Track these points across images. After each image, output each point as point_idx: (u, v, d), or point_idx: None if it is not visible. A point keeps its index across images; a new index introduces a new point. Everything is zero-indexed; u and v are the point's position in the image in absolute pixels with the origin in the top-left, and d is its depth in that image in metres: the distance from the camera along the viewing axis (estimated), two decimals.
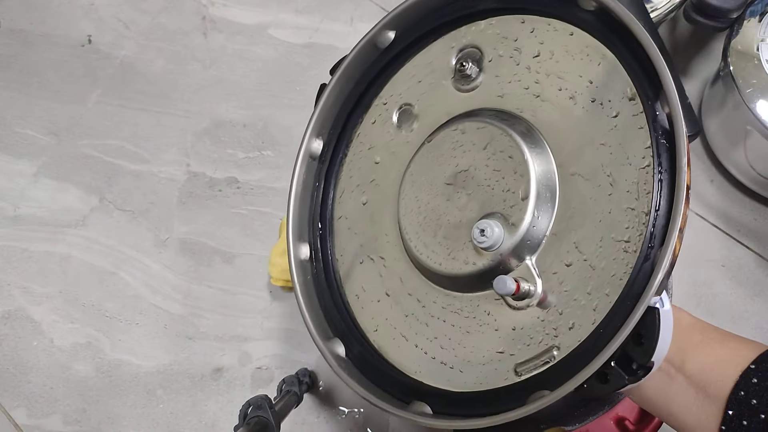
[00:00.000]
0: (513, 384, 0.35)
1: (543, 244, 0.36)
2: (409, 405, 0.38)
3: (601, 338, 0.31)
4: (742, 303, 0.62)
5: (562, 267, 0.35)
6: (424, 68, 0.45)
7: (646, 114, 0.34)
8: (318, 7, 0.82)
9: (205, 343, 0.64)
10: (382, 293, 0.43)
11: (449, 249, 0.39)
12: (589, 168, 0.35)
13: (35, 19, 0.86)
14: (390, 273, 0.43)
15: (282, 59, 0.80)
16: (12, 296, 0.68)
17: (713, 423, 0.31)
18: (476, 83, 0.42)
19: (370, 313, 0.43)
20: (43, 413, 0.63)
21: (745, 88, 0.56)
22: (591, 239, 0.34)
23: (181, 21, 0.84)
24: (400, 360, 0.41)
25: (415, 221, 0.41)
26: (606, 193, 0.34)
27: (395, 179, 0.43)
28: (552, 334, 0.34)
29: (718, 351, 0.33)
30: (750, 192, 0.65)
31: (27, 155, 0.76)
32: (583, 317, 0.33)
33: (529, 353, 0.35)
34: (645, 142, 0.33)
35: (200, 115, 0.77)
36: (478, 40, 0.42)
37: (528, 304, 0.36)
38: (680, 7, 0.61)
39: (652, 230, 0.32)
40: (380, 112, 0.46)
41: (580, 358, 0.32)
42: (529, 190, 0.36)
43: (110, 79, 0.80)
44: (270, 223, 0.70)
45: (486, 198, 0.38)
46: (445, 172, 0.40)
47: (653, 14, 0.59)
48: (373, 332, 0.43)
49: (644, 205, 0.33)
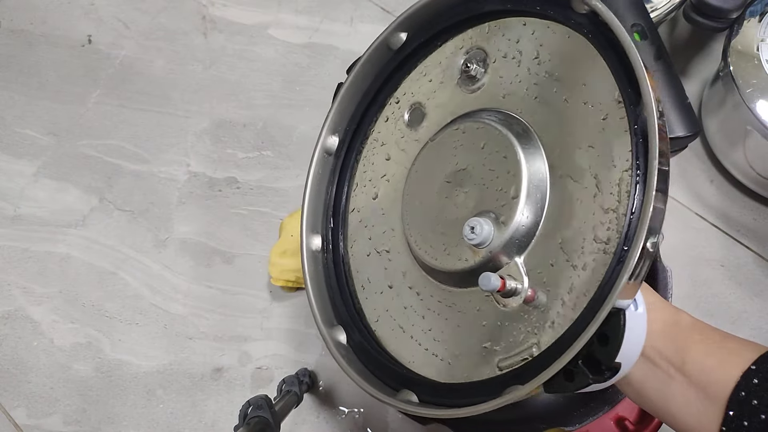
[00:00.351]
0: (493, 377, 0.36)
1: (532, 243, 0.37)
2: (397, 393, 0.40)
3: (574, 337, 0.32)
4: (741, 303, 0.62)
5: (547, 266, 0.36)
6: (435, 68, 0.46)
7: (628, 117, 0.34)
8: (318, 7, 0.82)
9: (205, 343, 0.64)
10: (386, 285, 0.45)
11: (445, 245, 0.40)
12: (577, 169, 0.36)
13: (35, 19, 0.86)
14: (394, 266, 0.45)
15: (282, 59, 0.80)
16: (12, 296, 0.68)
17: (714, 423, 0.31)
18: (481, 84, 0.43)
19: (372, 304, 0.45)
20: (43, 413, 0.63)
21: (745, 88, 0.56)
22: (575, 240, 0.35)
23: (181, 21, 0.84)
24: (397, 350, 0.43)
25: (417, 217, 0.42)
26: (591, 194, 0.35)
27: (403, 176, 0.45)
28: (533, 332, 0.35)
29: (719, 352, 0.33)
30: (750, 192, 0.65)
31: (27, 155, 0.76)
32: (563, 316, 0.34)
33: (512, 349, 0.36)
34: (628, 145, 0.34)
35: (200, 115, 0.77)
36: (483, 42, 0.43)
37: (515, 302, 0.36)
38: (680, 7, 0.61)
39: (626, 232, 0.32)
40: (393, 111, 0.48)
41: (554, 355, 0.32)
42: (519, 189, 0.37)
43: (110, 79, 0.80)
44: (270, 223, 0.70)
45: (481, 196, 0.39)
46: (445, 170, 0.41)
47: (653, 14, 0.59)
48: (375, 322, 0.45)
49: (624, 207, 0.33)
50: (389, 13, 0.82)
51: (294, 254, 0.64)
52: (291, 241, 0.64)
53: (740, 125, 0.58)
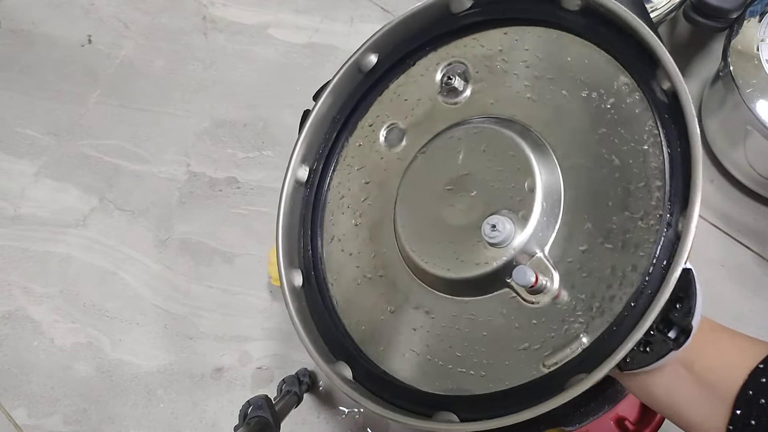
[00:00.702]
0: (543, 376, 0.35)
1: (554, 234, 0.36)
2: (433, 416, 0.37)
3: (635, 311, 0.32)
4: (741, 303, 0.62)
5: (578, 253, 0.35)
6: (410, 87, 0.45)
7: (645, 95, 0.35)
8: (318, 7, 0.82)
9: (205, 343, 0.64)
10: (385, 311, 0.42)
11: (457, 253, 0.38)
12: (591, 156, 0.36)
13: (36, 19, 0.86)
14: (392, 289, 0.42)
15: (282, 59, 0.80)
16: (12, 296, 0.68)
17: (721, 422, 0.31)
18: (465, 95, 0.42)
19: (372, 333, 0.42)
20: (44, 413, 0.63)
21: (745, 88, 0.56)
22: (604, 222, 0.35)
23: (181, 21, 0.84)
24: (412, 375, 0.40)
25: (416, 231, 0.41)
26: (613, 175, 0.35)
27: (389, 195, 0.43)
28: (576, 321, 0.34)
29: (727, 350, 0.33)
30: (750, 192, 0.65)
31: (27, 155, 0.76)
32: (609, 297, 0.34)
33: (555, 344, 0.35)
34: (647, 122, 0.34)
35: (200, 115, 0.77)
36: (463, 55, 0.43)
37: (545, 297, 0.36)
38: (680, 7, 0.61)
39: (669, 198, 0.33)
40: (367, 134, 0.46)
41: (613, 336, 0.32)
42: (534, 182, 0.36)
43: (110, 79, 0.80)
44: (270, 223, 0.70)
45: (491, 197, 0.38)
46: (443, 178, 0.40)
47: (653, 14, 0.59)
48: (380, 351, 0.42)
49: (655, 179, 0.34)
50: (389, 12, 0.82)
51: None
52: None
53: (740, 125, 0.58)
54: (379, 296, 0.43)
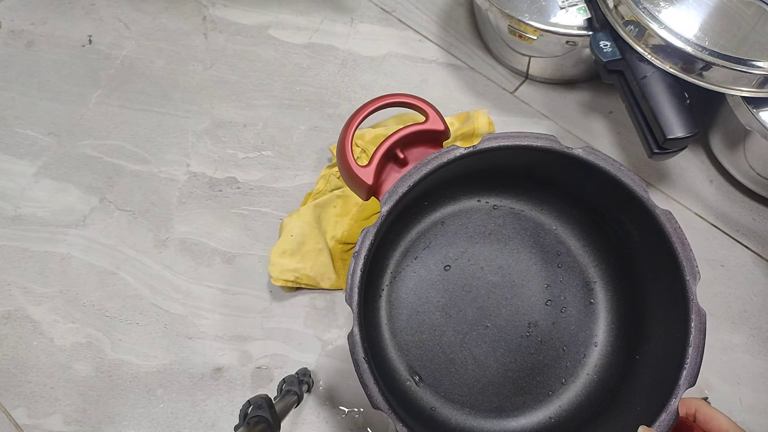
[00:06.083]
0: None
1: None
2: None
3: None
4: (741, 303, 0.62)
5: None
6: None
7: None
8: (318, 8, 0.82)
9: (205, 342, 0.64)
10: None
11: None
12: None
13: (36, 19, 0.86)
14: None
15: (282, 59, 0.80)
16: (12, 296, 0.68)
17: None
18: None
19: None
20: (44, 413, 0.63)
21: None
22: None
23: (181, 21, 0.84)
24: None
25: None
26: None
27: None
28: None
29: None
30: (750, 192, 0.65)
31: (27, 155, 0.76)
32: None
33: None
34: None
35: (200, 115, 0.77)
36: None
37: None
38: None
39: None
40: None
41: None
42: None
43: (111, 80, 0.80)
44: (270, 223, 0.70)
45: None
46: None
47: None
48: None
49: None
50: (389, 13, 0.82)
51: (294, 254, 0.64)
52: (291, 241, 0.64)
53: (740, 125, 0.58)
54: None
